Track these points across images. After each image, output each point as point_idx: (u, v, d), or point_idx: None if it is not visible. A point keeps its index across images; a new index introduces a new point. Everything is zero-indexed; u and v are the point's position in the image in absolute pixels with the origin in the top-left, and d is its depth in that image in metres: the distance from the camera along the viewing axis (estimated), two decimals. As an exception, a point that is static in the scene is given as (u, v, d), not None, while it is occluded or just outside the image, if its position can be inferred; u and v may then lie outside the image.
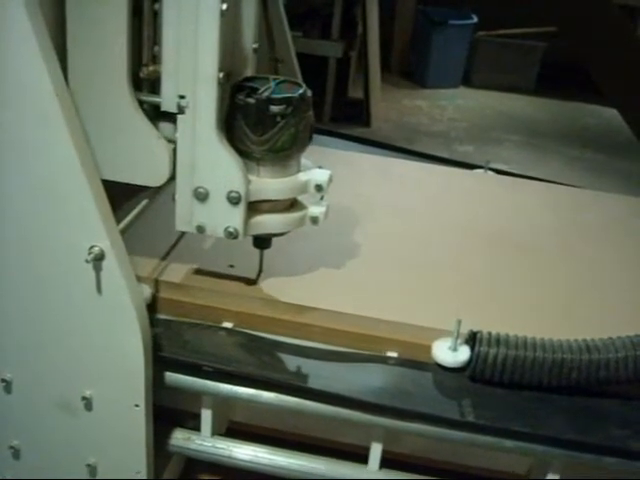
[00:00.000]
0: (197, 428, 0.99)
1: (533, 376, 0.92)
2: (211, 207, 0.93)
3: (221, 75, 0.87)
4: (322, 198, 1.02)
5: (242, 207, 0.92)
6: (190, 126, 0.89)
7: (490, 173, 1.48)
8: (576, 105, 3.66)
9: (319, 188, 0.97)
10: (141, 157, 0.90)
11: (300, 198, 1.00)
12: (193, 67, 0.86)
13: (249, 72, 1.00)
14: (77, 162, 0.79)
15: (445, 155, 3.14)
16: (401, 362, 0.96)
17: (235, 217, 0.93)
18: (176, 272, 1.03)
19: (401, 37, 3.88)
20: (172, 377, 0.93)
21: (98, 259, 0.82)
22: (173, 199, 0.94)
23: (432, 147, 3.17)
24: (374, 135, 3.27)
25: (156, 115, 0.91)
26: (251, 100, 0.91)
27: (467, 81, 3.83)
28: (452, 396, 0.93)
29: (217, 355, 0.94)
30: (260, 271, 1.05)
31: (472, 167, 1.52)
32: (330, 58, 3.23)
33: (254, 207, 0.95)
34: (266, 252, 1.04)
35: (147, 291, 0.99)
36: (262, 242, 1.02)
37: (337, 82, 3.31)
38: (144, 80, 0.90)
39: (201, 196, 0.92)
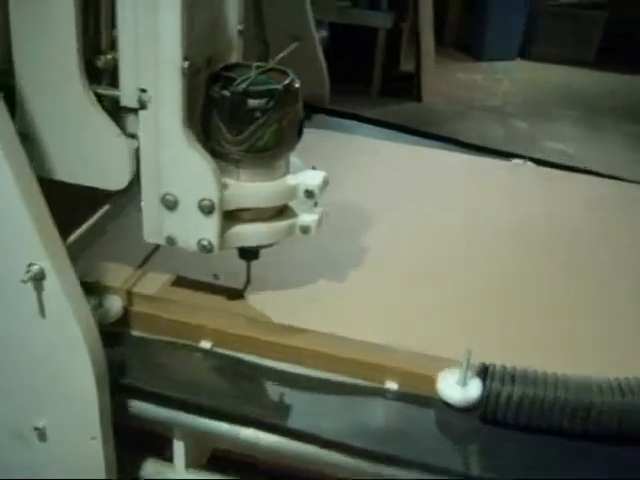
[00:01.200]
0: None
1: (554, 420, 0.76)
2: (181, 216, 0.79)
3: (186, 64, 0.72)
4: (316, 204, 0.87)
5: (216, 217, 0.78)
6: (153, 123, 0.75)
7: (529, 164, 1.29)
8: (638, 79, 3.39)
9: (309, 194, 0.82)
10: (98, 157, 0.77)
11: (290, 203, 0.85)
12: (154, 55, 0.72)
13: (234, 58, 0.85)
14: (9, 172, 0.66)
15: (500, 131, 2.99)
16: (401, 396, 0.81)
17: (208, 228, 0.79)
18: (152, 283, 0.89)
19: (456, 7, 3.65)
20: (137, 406, 0.81)
21: (37, 279, 0.69)
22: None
23: (486, 123, 2.98)
24: (425, 110, 3.09)
25: (118, 110, 0.77)
26: (226, 92, 0.76)
27: (524, 53, 3.58)
28: (457, 441, 0.78)
29: (189, 383, 0.81)
30: (247, 282, 0.91)
31: (510, 156, 1.34)
32: (379, 29, 3.04)
33: (233, 216, 0.81)
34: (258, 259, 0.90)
35: (117, 304, 0.87)
36: (248, 253, 0.88)
37: (388, 55, 3.12)
38: (103, 70, 0.76)
39: (169, 204, 0.78)
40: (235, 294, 0.89)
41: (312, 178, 0.82)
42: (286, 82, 0.78)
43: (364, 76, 3.12)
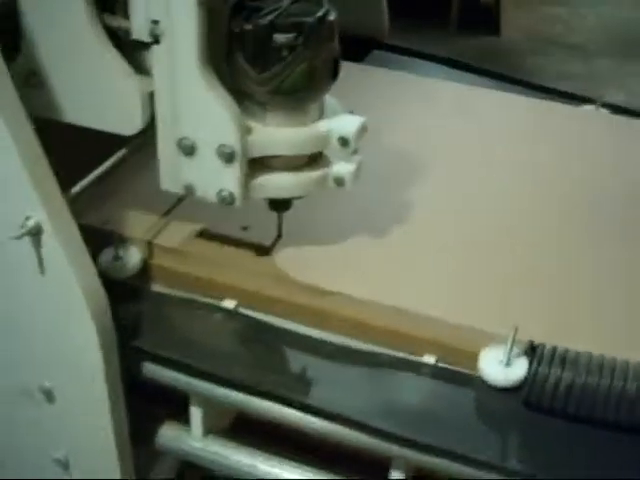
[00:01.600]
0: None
1: (608, 412, 0.66)
2: (200, 163, 0.71)
3: (202, -8, 0.63)
4: (355, 152, 0.77)
5: (237, 166, 0.70)
6: (168, 60, 0.66)
7: (603, 111, 1.15)
8: None
9: (344, 142, 0.72)
10: (109, 98, 0.69)
11: (325, 151, 0.76)
12: (165, -20, 0.63)
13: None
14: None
15: (579, 70, 2.78)
16: (438, 372, 0.72)
17: (229, 178, 0.70)
18: (175, 234, 0.82)
19: None
20: (151, 369, 0.74)
21: (34, 233, 0.62)
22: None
23: (566, 60, 2.78)
24: (503, 46, 2.90)
25: (134, 45, 0.69)
26: (248, 26, 0.67)
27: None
28: (496, 427, 0.70)
29: (205, 349, 0.74)
30: (278, 237, 0.83)
31: (583, 100, 1.20)
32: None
33: (258, 163, 0.72)
34: (290, 212, 0.81)
35: (136, 256, 0.80)
36: (279, 204, 0.79)
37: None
38: (116, -1, 0.67)
39: (187, 149, 0.70)
40: (264, 250, 0.81)
41: (348, 124, 0.73)
42: (319, 14, 0.67)
43: (442, 6, 2.94)
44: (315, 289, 0.77)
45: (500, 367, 0.70)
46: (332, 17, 0.69)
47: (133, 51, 0.68)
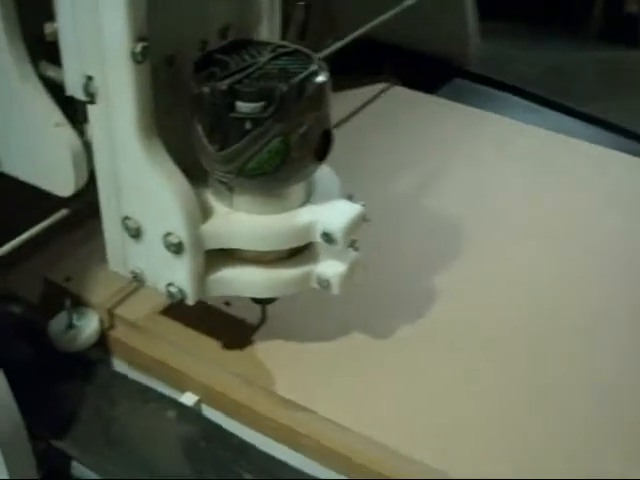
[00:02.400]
0: None
1: None
2: (148, 249, 0.57)
3: (139, 47, 0.49)
4: (353, 246, 0.61)
5: (188, 259, 0.56)
6: (104, 124, 0.53)
7: None
8: None
9: (329, 239, 0.56)
10: (40, 152, 0.56)
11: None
12: (96, 29, 0.49)
13: (264, 30, 0.60)
14: None
15: None
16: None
17: (177, 271, 0.56)
18: (145, 303, 0.69)
19: None
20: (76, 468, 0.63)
21: None
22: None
23: None
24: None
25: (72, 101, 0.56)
26: (205, 88, 0.52)
27: None
28: None
29: (140, 458, 0.61)
30: (262, 321, 0.69)
31: None
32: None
33: (223, 253, 0.58)
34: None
35: (92, 325, 0.68)
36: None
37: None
38: (52, 43, 0.54)
39: (132, 231, 0.57)
40: (245, 329, 0.68)
41: (337, 216, 0.57)
42: (298, 77, 0.52)
43: (582, 16, 2.64)
44: (287, 402, 0.62)
45: None
46: (320, 79, 0.53)
47: (76, 104, 0.55)
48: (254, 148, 0.52)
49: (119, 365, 0.70)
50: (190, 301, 0.58)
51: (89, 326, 0.68)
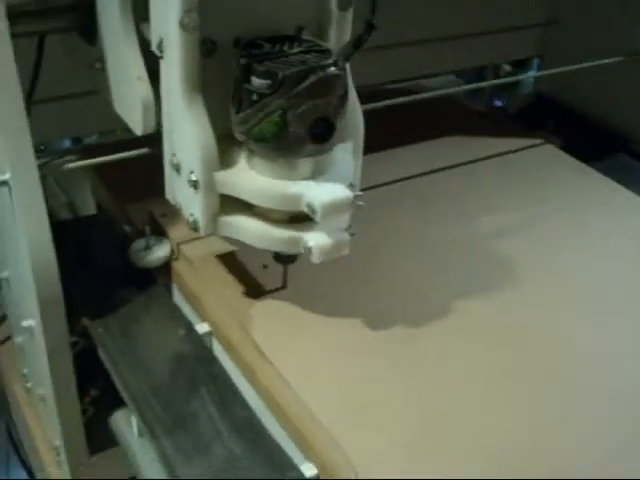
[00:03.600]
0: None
1: None
2: (182, 183, 0.71)
3: (186, 18, 0.63)
4: (349, 228, 0.69)
5: (202, 196, 0.68)
6: (165, 77, 0.68)
7: None
8: None
9: (311, 209, 0.65)
10: (127, 95, 0.73)
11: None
12: (165, 1, 0.64)
13: (332, 36, 0.71)
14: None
15: None
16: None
17: (195, 204, 0.70)
18: (206, 248, 0.83)
19: None
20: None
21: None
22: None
23: None
24: None
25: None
26: (234, 62, 0.65)
27: None
28: None
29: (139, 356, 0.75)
30: (283, 286, 0.79)
31: None
32: None
33: (240, 203, 0.70)
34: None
35: (163, 253, 0.84)
36: (282, 256, 0.75)
37: None
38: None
39: (175, 166, 0.71)
40: (259, 292, 0.78)
41: (323, 193, 0.66)
42: (303, 68, 0.62)
43: None
44: (262, 353, 0.72)
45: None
46: (323, 73, 0.62)
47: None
48: (258, 116, 0.63)
49: (176, 291, 0.84)
50: (202, 232, 0.70)
51: (160, 252, 0.84)
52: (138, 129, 0.72)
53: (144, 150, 0.78)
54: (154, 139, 0.73)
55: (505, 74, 1.44)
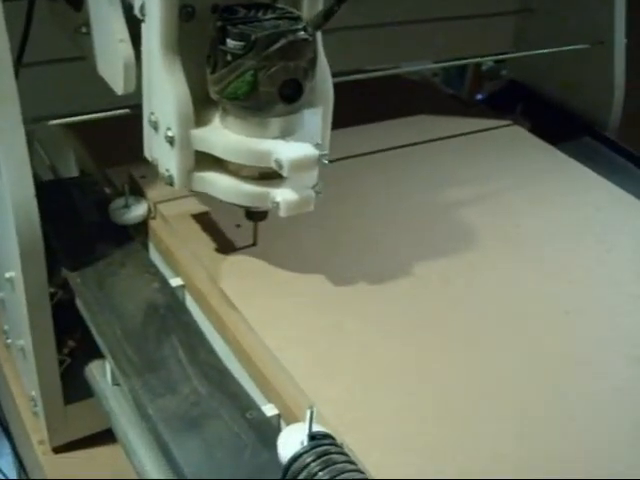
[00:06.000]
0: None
1: None
2: (159, 140, 0.75)
3: (171, -19, 0.67)
4: (315, 188, 0.74)
5: (177, 152, 0.73)
6: (146, 39, 0.73)
7: None
8: None
9: (279, 165, 0.70)
10: (110, 56, 0.77)
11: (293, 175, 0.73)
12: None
13: (305, 5, 0.75)
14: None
15: None
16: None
17: (171, 160, 0.74)
18: (182, 207, 0.88)
19: None
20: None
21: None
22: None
23: None
24: None
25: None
26: (210, 24, 0.69)
27: None
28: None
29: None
30: (254, 244, 0.84)
31: None
32: None
33: (209, 160, 0.75)
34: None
35: (140, 211, 0.88)
36: (253, 213, 0.80)
37: None
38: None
39: (153, 124, 0.76)
40: (230, 248, 0.83)
41: (291, 150, 0.70)
42: (273, 31, 0.67)
43: None
44: (230, 301, 0.76)
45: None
46: (292, 37, 0.67)
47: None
48: (232, 76, 0.68)
49: (152, 248, 0.88)
50: (176, 186, 0.75)
51: (138, 210, 0.88)
52: (119, 89, 0.77)
53: (125, 111, 0.82)
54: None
55: (487, 68, 1.49)
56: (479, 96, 1.50)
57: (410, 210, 0.92)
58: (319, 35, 0.73)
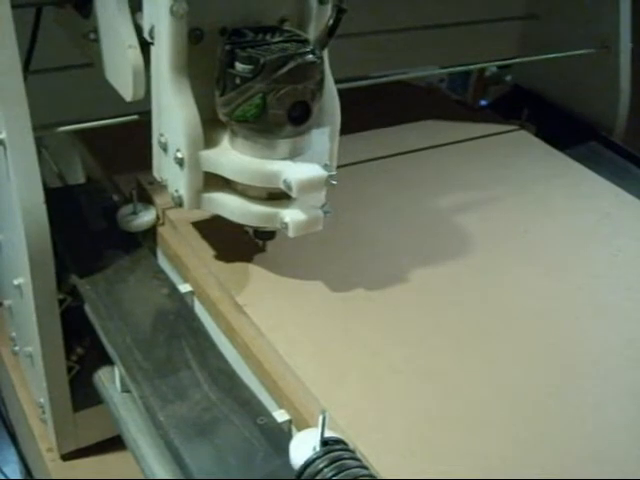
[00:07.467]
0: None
1: None
2: (169, 161, 0.79)
3: (176, 5, 0.69)
4: (323, 207, 0.76)
5: (186, 173, 0.76)
6: (155, 61, 0.77)
7: None
8: None
9: (287, 186, 0.72)
10: (119, 62, 0.79)
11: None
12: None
13: (312, 28, 0.76)
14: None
15: None
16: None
17: (180, 181, 0.78)
18: (191, 214, 0.89)
19: None
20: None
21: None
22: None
23: None
24: None
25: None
26: (219, 47, 0.71)
27: None
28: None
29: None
30: (263, 250, 0.85)
31: None
32: None
33: (218, 181, 0.77)
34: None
35: (149, 218, 0.89)
36: (261, 233, 0.83)
37: None
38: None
39: (163, 145, 0.80)
40: (239, 256, 0.84)
41: (300, 171, 0.73)
42: (282, 54, 0.69)
43: None
44: (239, 307, 0.77)
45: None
46: (300, 60, 0.68)
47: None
48: (241, 99, 0.72)
49: (161, 254, 0.89)
50: (186, 207, 0.79)
51: (146, 217, 0.90)
52: (128, 95, 0.78)
53: (132, 117, 0.83)
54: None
55: (491, 74, 1.49)
56: (483, 101, 1.51)
57: (418, 215, 0.93)
58: (326, 56, 0.74)
